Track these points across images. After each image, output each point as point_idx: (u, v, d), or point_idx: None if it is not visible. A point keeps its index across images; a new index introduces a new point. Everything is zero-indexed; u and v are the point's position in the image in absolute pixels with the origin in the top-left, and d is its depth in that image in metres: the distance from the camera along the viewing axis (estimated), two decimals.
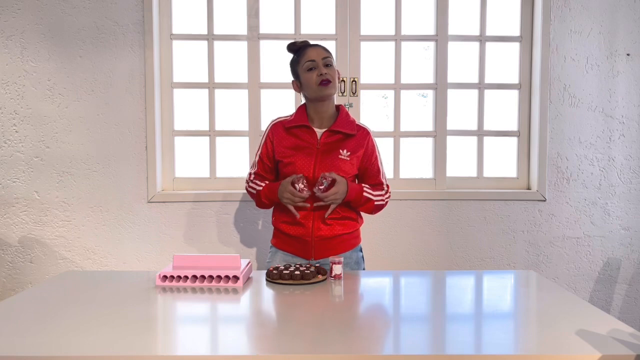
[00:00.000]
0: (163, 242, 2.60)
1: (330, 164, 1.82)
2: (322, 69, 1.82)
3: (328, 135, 1.86)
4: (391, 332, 1.25)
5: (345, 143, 1.86)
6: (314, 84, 1.82)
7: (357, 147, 1.88)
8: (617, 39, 2.61)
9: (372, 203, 1.87)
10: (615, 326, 1.22)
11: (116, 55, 2.53)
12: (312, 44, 1.89)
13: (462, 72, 2.72)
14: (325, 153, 1.84)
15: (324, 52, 1.85)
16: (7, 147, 2.54)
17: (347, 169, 1.84)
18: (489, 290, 1.65)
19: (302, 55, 1.85)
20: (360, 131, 1.91)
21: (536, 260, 2.67)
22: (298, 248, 1.88)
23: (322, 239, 1.85)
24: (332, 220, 1.84)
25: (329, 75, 1.81)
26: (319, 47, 1.87)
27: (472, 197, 2.64)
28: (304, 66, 1.84)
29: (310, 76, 1.83)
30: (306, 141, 1.86)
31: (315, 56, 1.83)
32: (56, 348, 1.09)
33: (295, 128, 1.88)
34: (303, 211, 1.83)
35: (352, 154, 1.86)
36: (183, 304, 1.44)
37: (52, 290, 1.54)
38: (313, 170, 1.82)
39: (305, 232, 1.84)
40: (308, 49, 1.86)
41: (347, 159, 1.85)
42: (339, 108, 1.93)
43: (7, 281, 2.59)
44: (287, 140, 1.87)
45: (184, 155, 2.73)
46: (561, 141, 2.63)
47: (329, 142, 1.86)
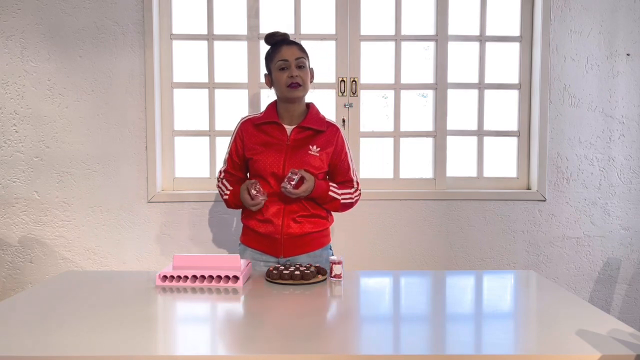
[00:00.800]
0: (163, 242, 2.60)
1: (300, 159, 1.83)
2: (293, 71, 1.80)
3: (298, 131, 1.87)
4: (391, 332, 1.25)
5: (314, 139, 1.87)
6: (284, 85, 1.82)
7: (327, 143, 1.88)
8: (617, 39, 2.61)
9: (337, 202, 1.88)
10: (615, 326, 1.22)
11: (116, 55, 2.53)
12: (290, 41, 1.87)
13: (462, 72, 2.72)
14: (294, 149, 1.84)
15: (298, 52, 1.83)
16: (7, 147, 2.54)
17: (317, 164, 1.85)
18: (489, 290, 1.65)
19: (277, 53, 1.84)
20: (330, 128, 1.91)
21: (536, 260, 2.67)
22: (267, 246, 1.88)
23: (292, 236, 1.85)
24: (302, 218, 1.85)
25: (300, 78, 1.81)
26: (294, 47, 1.84)
27: (472, 197, 2.64)
28: (276, 65, 1.82)
29: (281, 76, 1.82)
30: (276, 137, 1.86)
31: (289, 56, 1.81)
32: (56, 348, 1.09)
33: (265, 125, 1.88)
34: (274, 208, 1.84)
35: (321, 150, 1.87)
36: (183, 304, 1.44)
37: (52, 290, 1.54)
38: (283, 166, 1.83)
39: (274, 230, 1.84)
40: (283, 47, 1.83)
41: (316, 155, 1.85)
42: (309, 105, 1.94)
43: (7, 281, 2.59)
44: (257, 137, 1.87)
45: (184, 155, 2.73)
46: (561, 141, 2.63)
47: (299, 138, 1.86)
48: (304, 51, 1.87)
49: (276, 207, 1.84)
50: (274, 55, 1.84)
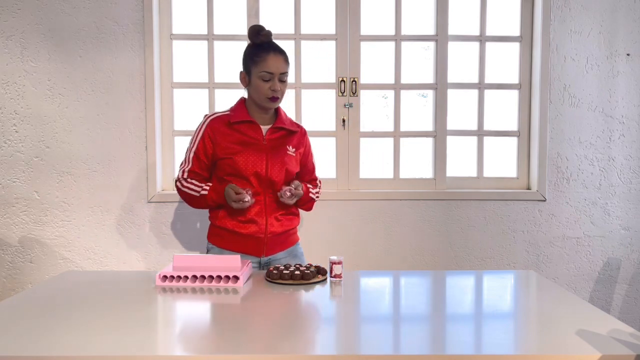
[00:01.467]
0: (163, 242, 2.60)
1: (281, 160, 1.85)
2: (276, 84, 1.79)
3: (273, 131, 1.88)
4: (391, 332, 1.25)
5: (289, 140, 1.91)
6: (263, 95, 1.80)
7: (299, 144, 1.94)
8: (617, 39, 2.61)
9: (312, 202, 1.98)
10: (615, 326, 1.22)
11: (116, 55, 2.53)
12: (276, 47, 1.82)
13: (462, 72, 2.72)
14: (273, 149, 1.85)
15: (283, 66, 1.80)
16: (7, 147, 2.54)
17: (294, 164, 1.90)
18: (489, 290, 1.65)
19: (262, 61, 1.78)
20: (300, 129, 1.97)
21: (536, 260, 2.67)
22: (249, 246, 1.86)
23: (274, 235, 1.87)
24: (282, 217, 1.89)
25: (280, 92, 1.82)
26: (280, 58, 1.80)
27: (472, 197, 2.64)
28: (260, 74, 1.79)
29: (263, 86, 1.79)
30: (252, 137, 1.84)
31: (275, 69, 1.78)
32: (56, 348, 1.09)
33: (239, 124, 1.85)
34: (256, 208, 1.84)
35: (296, 150, 1.92)
36: (183, 304, 1.44)
37: (52, 290, 1.54)
38: (265, 166, 1.83)
39: (258, 230, 1.84)
40: (270, 57, 1.78)
41: (293, 155, 1.90)
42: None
43: (7, 281, 2.59)
44: (231, 136, 1.83)
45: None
46: (561, 141, 2.63)
47: (274, 138, 1.87)
48: (288, 62, 1.84)
49: (258, 207, 1.85)
50: (259, 61, 1.79)
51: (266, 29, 1.83)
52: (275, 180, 1.84)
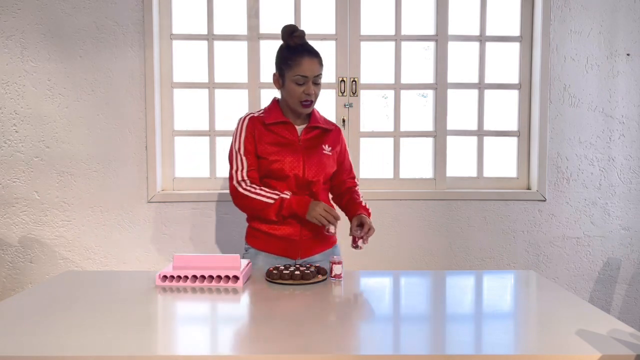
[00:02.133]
0: (163, 242, 2.60)
1: (318, 161, 1.82)
2: (310, 88, 1.75)
3: (308, 131, 1.84)
4: (391, 332, 1.25)
5: (324, 139, 1.87)
6: (297, 99, 1.77)
7: (335, 142, 1.90)
8: (617, 39, 2.61)
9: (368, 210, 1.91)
10: (615, 326, 1.22)
11: (116, 55, 2.53)
12: (311, 50, 1.77)
13: (462, 72, 2.72)
14: (309, 149, 1.82)
15: (318, 68, 1.76)
16: (7, 147, 2.54)
17: (331, 163, 1.86)
18: (489, 290, 1.65)
19: (297, 65, 1.74)
20: (334, 127, 1.93)
21: (536, 260, 2.67)
22: (284, 248, 1.83)
23: (309, 237, 1.84)
24: None
25: (314, 96, 1.78)
26: (315, 61, 1.76)
27: (472, 197, 2.64)
28: (294, 78, 1.74)
29: (296, 90, 1.75)
30: (287, 138, 1.81)
31: (309, 73, 1.74)
32: (56, 348, 1.09)
33: (275, 125, 1.82)
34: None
35: (332, 149, 1.88)
36: (183, 304, 1.44)
37: (52, 290, 1.54)
38: (302, 168, 1.79)
39: (293, 232, 1.81)
40: (305, 60, 1.74)
41: (329, 154, 1.86)
42: None
43: (7, 281, 2.59)
44: (268, 137, 1.80)
45: (184, 155, 2.73)
46: (561, 141, 2.63)
47: (309, 137, 1.84)
48: (322, 64, 1.79)
49: None
50: (293, 64, 1.74)
51: (300, 29, 1.78)
52: (313, 180, 1.80)
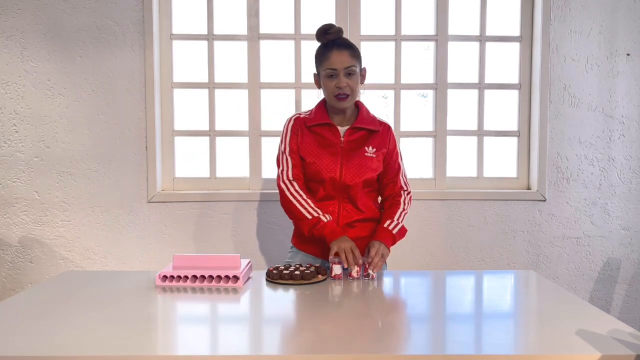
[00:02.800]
0: (163, 242, 2.60)
1: (358, 163, 1.76)
2: (341, 81, 1.71)
3: (351, 132, 1.79)
4: (391, 332, 1.25)
5: (369, 140, 1.80)
6: (331, 94, 1.74)
7: (382, 143, 1.82)
8: (617, 39, 2.61)
9: (402, 228, 1.82)
10: (615, 326, 1.22)
11: (116, 55, 2.53)
12: (341, 43, 1.73)
13: (462, 72, 2.72)
14: (350, 151, 1.77)
15: (348, 60, 1.71)
16: (7, 147, 2.54)
17: (374, 166, 1.79)
18: (489, 290, 1.65)
19: (326, 58, 1.72)
20: (383, 126, 1.84)
21: (536, 260, 2.67)
22: (321, 250, 1.81)
23: None
24: (357, 223, 1.80)
25: (348, 88, 1.72)
26: (344, 52, 1.71)
27: (472, 197, 2.64)
28: (325, 72, 1.73)
29: (329, 84, 1.73)
30: (329, 139, 1.78)
31: (338, 64, 1.70)
32: (56, 348, 1.09)
33: (316, 126, 1.79)
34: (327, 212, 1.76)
35: (377, 150, 1.80)
36: (183, 304, 1.44)
37: (52, 290, 1.54)
38: (340, 170, 1.76)
39: None
40: (333, 53, 1.71)
41: (373, 156, 1.78)
42: (358, 104, 1.85)
43: (7, 281, 2.59)
44: (309, 138, 1.79)
45: (184, 155, 2.73)
46: (561, 141, 2.63)
47: (353, 139, 1.79)
48: (355, 55, 1.74)
49: (330, 210, 1.78)
50: (323, 59, 1.73)
51: (335, 27, 1.75)
52: (350, 184, 1.75)
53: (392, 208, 1.83)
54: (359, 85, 1.78)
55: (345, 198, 1.79)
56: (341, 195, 1.78)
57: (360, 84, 1.79)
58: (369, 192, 1.84)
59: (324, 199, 1.79)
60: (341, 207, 1.79)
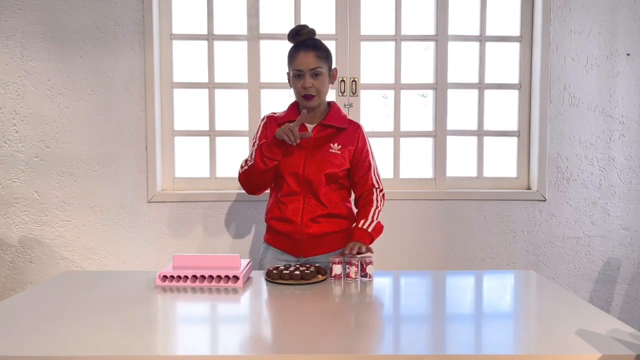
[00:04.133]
0: (163, 242, 2.60)
1: (322, 158, 1.82)
2: (307, 81, 1.78)
3: (319, 129, 1.86)
4: (391, 332, 1.25)
5: (336, 137, 1.86)
6: (298, 93, 1.82)
7: (348, 141, 1.87)
8: (617, 39, 2.61)
9: (378, 225, 1.86)
10: (615, 326, 1.22)
11: (116, 55, 2.53)
12: (308, 45, 1.80)
13: (462, 72, 2.72)
14: (316, 147, 1.83)
15: (313, 61, 1.77)
16: (7, 147, 2.54)
17: (338, 162, 1.84)
18: (489, 290, 1.65)
19: (293, 59, 1.80)
20: (352, 125, 1.90)
21: (536, 260, 2.67)
22: (287, 245, 1.88)
23: (311, 236, 1.84)
24: (321, 218, 1.85)
25: (313, 89, 1.78)
26: (310, 54, 1.78)
27: (472, 197, 2.64)
28: (292, 73, 1.81)
29: (296, 84, 1.81)
30: None
31: (304, 66, 1.77)
32: (56, 348, 1.09)
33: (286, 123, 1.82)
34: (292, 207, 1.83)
35: (343, 147, 1.85)
36: (183, 304, 1.44)
37: (52, 290, 1.54)
38: (303, 166, 1.82)
39: (294, 230, 1.84)
40: (300, 54, 1.78)
41: (337, 153, 1.84)
42: (331, 104, 1.92)
43: (7, 281, 2.59)
44: None
45: (184, 155, 2.73)
46: (561, 141, 2.63)
47: (320, 136, 1.85)
48: (322, 57, 1.80)
49: (294, 206, 1.84)
50: (291, 60, 1.82)
51: (308, 28, 1.82)
52: (312, 179, 1.81)
53: (365, 207, 1.87)
54: (327, 85, 1.84)
55: (310, 193, 1.84)
56: (305, 190, 1.83)
57: (330, 85, 1.86)
58: (335, 188, 1.88)
59: (289, 194, 1.84)
60: (305, 202, 1.84)
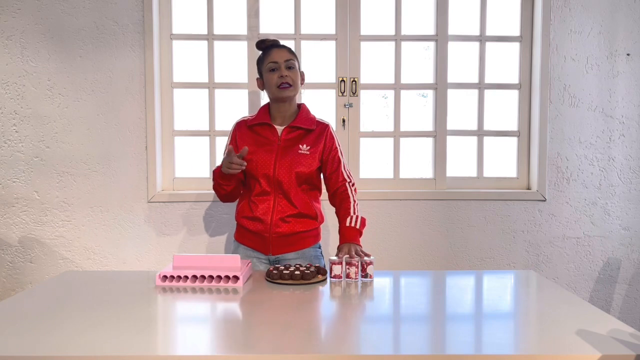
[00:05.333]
0: (163, 242, 2.60)
1: (291, 159, 1.87)
2: (283, 71, 1.87)
3: (288, 131, 1.92)
4: (391, 332, 1.25)
5: (305, 138, 1.92)
6: (274, 85, 1.88)
7: (317, 141, 1.93)
8: (617, 39, 2.61)
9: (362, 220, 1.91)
10: (615, 326, 1.22)
11: (116, 55, 2.53)
12: (279, 44, 1.94)
13: (462, 72, 2.72)
14: (285, 149, 1.89)
15: (287, 55, 1.90)
16: (7, 147, 2.54)
17: (307, 162, 1.89)
18: (489, 290, 1.65)
19: (267, 56, 1.90)
20: (320, 126, 1.96)
21: (536, 260, 2.67)
22: (257, 243, 1.92)
23: (280, 235, 1.89)
24: (291, 218, 1.89)
25: (289, 79, 1.87)
26: (283, 49, 1.91)
27: (472, 197, 2.64)
28: (267, 66, 1.89)
29: (272, 77, 1.88)
30: (267, 138, 1.91)
31: (279, 58, 1.88)
32: (56, 348, 1.09)
33: (257, 126, 1.94)
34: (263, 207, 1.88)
35: (311, 147, 1.91)
36: (183, 304, 1.44)
37: (52, 290, 1.54)
38: (274, 166, 1.87)
39: (264, 229, 1.89)
40: (273, 50, 1.90)
41: (307, 153, 1.90)
42: (300, 106, 1.99)
43: (7, 281, 2.59)
44: (249, 138, 1.92)
45: (184, 155, 2.73)
46: (561, 141, 2.63)
47: (289, 138, 1.91)
48: (294, 54, 1.94)
49: (265, 205, 1.89)
50: (264, 58, 1.91)
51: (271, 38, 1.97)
52: (282, 180, 1.87)
53: (343, 204, 1.93)
54: (299, 82, 1.93)
55: (280, 194, 1.89)
56: (275, 191, 1.89)
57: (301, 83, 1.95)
58: (306, 189, 1.94)
59: (260, 194, 1.90)
60: (276, 203, 1.89)
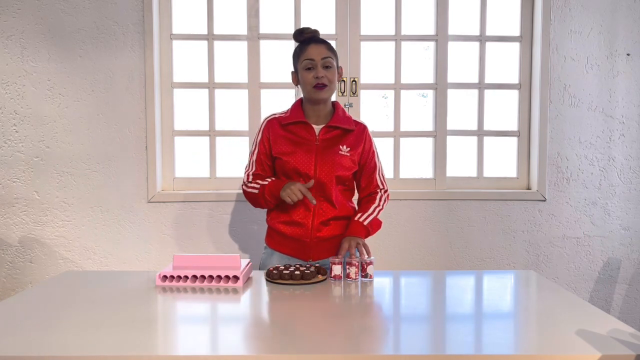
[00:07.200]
0: (163, 242, 2.60)
1: (331, 160, 1.79)
2: (319, 71, 1.76)
3: (326, 131, 1.82)
4: (391, 332, 1.25)
5: (344, 139, 1.84)
6: (309, 85, 1.78)
7: (357, 142, 1.85)
8: (617, 39, 2.61)
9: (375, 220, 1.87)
10: (615, 326, 1.22)
11: (116, 55, 2.53)
12: (318, 39, 1.82)
13: (462, 72, 2.72)
14: (324, 149, 1.80)
15: (325, 52, 1.78)
16: (7, 147, 2.54)
17: (347, 164, 1.82)
18: (489, 290, 1.65)
19: (303, 51, 1.79)
20: (358, 126, 1.88)
21: (536, 260, 2.67)
22: (295, 249, 1.84)
23: (321, 240, 1.82)
24: (332, 221, 1.83)
25: (326, 79, 1.76)
26: (321, 46, 1.79)
27: (472, 197, 2.64)
28: (303, 64, 1.78)
29: (307, 76, 1.78)
30: (304, 137, 1.82)
31: (315, 55, 1.76)
32: (56, 348, 1.09)
33: (292, 124, 1.83)
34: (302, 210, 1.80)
35: (352, 149, 1.83)
36: (183, 304, 1.44)
37: (52, 290, 1.54)
38: (314, 167, 1.79)
39: (304, 233, 1.81)
40: (310, 46, 1.78)
41: (347, 155, 1.82)
42: (335, 105, 1.89)
43: (7, 281, 2.59)
44: (284, 137, 1.82)
45: (184, 155, 2.73)
46: (561, 141, 2.63)
47: (328, 138, 1.82)
48: (332, 50, 1.81)
49: (304, 208, 1.81)
50: (301, 53, 1.80)
51: (311, 29, 1.84)
52: (324, 182, 1.79)
53: (367, 204, 1.89)
54: (336, 81, 1.82)
55: (321, 196, 1.81)
56: (316, 193, 1.80)
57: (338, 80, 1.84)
58: (343, 190, 1.88)
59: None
60: (317, 205, 1.81)
